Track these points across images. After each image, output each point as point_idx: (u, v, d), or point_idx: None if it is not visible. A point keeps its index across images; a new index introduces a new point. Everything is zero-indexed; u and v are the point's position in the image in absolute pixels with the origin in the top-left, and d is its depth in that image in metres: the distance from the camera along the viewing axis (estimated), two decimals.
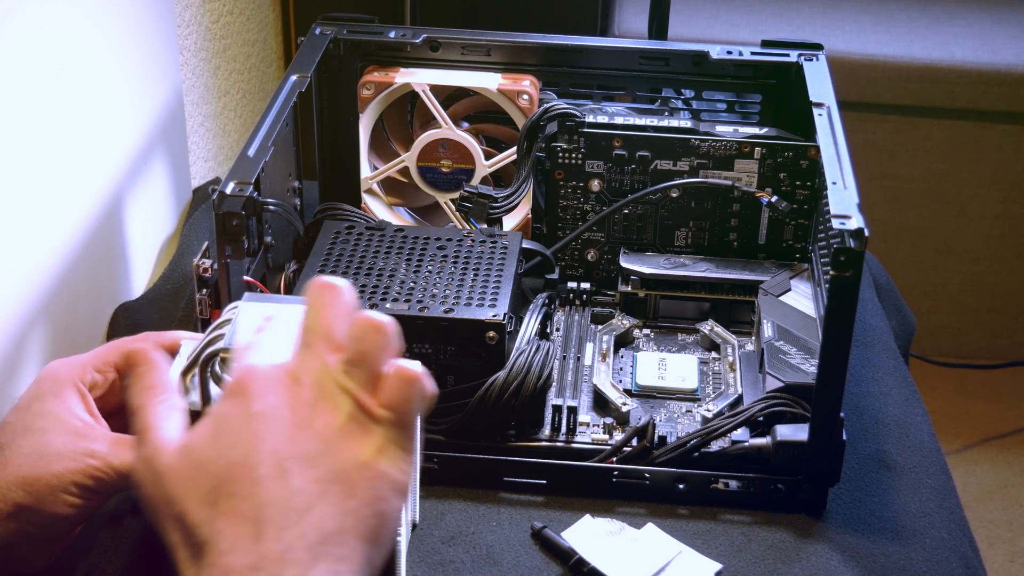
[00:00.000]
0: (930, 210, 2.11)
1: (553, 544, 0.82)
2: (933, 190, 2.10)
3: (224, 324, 0.71)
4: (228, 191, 0.84)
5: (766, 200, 1.00)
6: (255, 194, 0.85)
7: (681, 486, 0.86)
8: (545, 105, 1.02)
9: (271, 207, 0.89)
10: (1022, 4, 2.19)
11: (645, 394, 0.93)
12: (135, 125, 1.10)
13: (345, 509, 0.56)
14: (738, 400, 0.91)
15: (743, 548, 0.82)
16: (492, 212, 1.01)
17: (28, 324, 0.91)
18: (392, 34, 1.07)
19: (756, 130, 1.02)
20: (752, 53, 1.06)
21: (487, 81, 1.05)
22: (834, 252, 0.76)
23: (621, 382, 0.94)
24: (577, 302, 1.02)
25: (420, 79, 1.05)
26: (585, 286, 1.02)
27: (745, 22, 2.10)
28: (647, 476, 0.86)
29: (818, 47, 1.06)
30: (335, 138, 1.10)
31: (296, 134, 1.00)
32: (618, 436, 0.89)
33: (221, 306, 0.85)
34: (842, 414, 0.82)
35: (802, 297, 0.97)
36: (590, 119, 1.03)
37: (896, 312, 1.16)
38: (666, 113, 1.08)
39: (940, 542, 0.84)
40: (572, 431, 0.89)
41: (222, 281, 0.85)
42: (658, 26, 1.66)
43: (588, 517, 0.84)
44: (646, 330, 1.01)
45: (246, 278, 0.86)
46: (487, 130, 1.09)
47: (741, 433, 0.86)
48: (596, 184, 1.03)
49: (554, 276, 1.02)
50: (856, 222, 0.78)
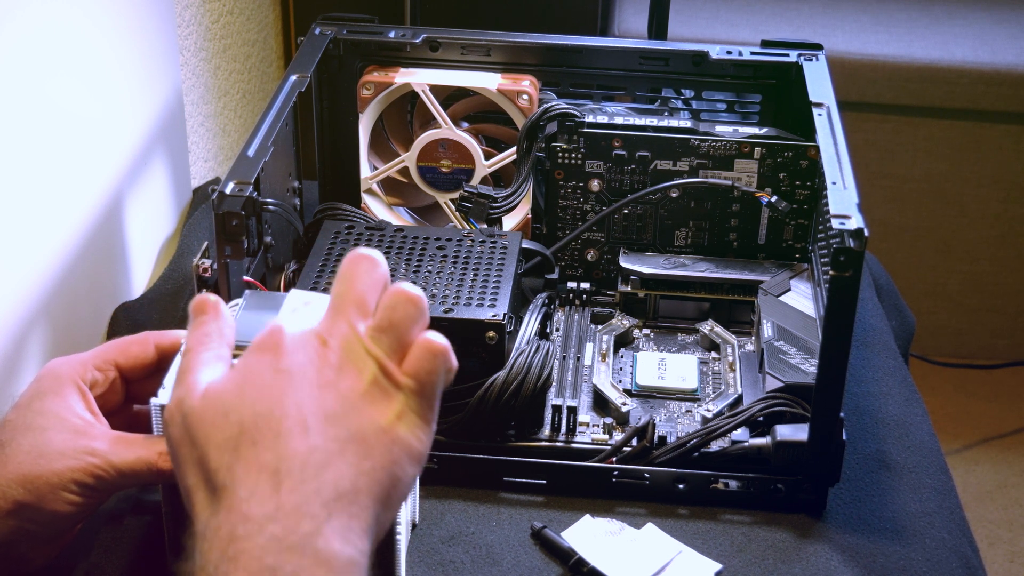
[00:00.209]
0: (930, 210, 2.11)
1: (553, 544, 0.82)
2: (933, 190, 2.10)
3: None
4: (228, 191, 0.84)
5: (766, 200, 1.00)
6: (255, 194, 0.85)
7: (681, 486, 0.86)
8: (545, 105, 1.02)
9: (271, 207, 0.89)
10: (1022, 4, 2.19)
11: (645, 394, 0.93)
12: (135, 125, 1.10)
13: (361, 469, 0.57)
14: (738, 400, 0.91)
15: (743, 548, 0.82)
16: (492, 212, 1.01)
17: (28, 324, 0.91)
18: (392, 34, 1.07)
19: (756, 130, 1.02)
20: (752, 53, 1.06)
21: (487, 81, 1.05)
22: (834, 252, 0.76)
23: (621, 382, 0.94)
24: (577, 302, 1.02)
25: (420, 79, 1.05)
26: (585, 286, 1.02)
27: (745, 22, 2.10)
28: (647, 476, 0.86)
29: (818, 47, 1.06)
30: (335, 138, 1.10)
31: (296, 134, 1.00)
32: (618, 436, 0.89)
33: None
34: (842, 414, 0.82)
35: (802, 297, 0.97)
36: (590, 119, 1.03)
37: (896, 312, 1.16)
38: (666, 113, 1.08)
39: (940, 542, 0.84)
40: (572, 431, 0.89)
41: (222, 281, 0.85)
42: (658, 26, 1.66)
43: (588, 517, 0.84)
44: (646, 330, 1.01)
45: (246, 278, 0.86)
46: (487, 130, 1.09)
47: (741, 433, 0.86)
48: (596, 184, 1.03)
49: (554, 276, 1.02)
50: (856, 222, 0.78)
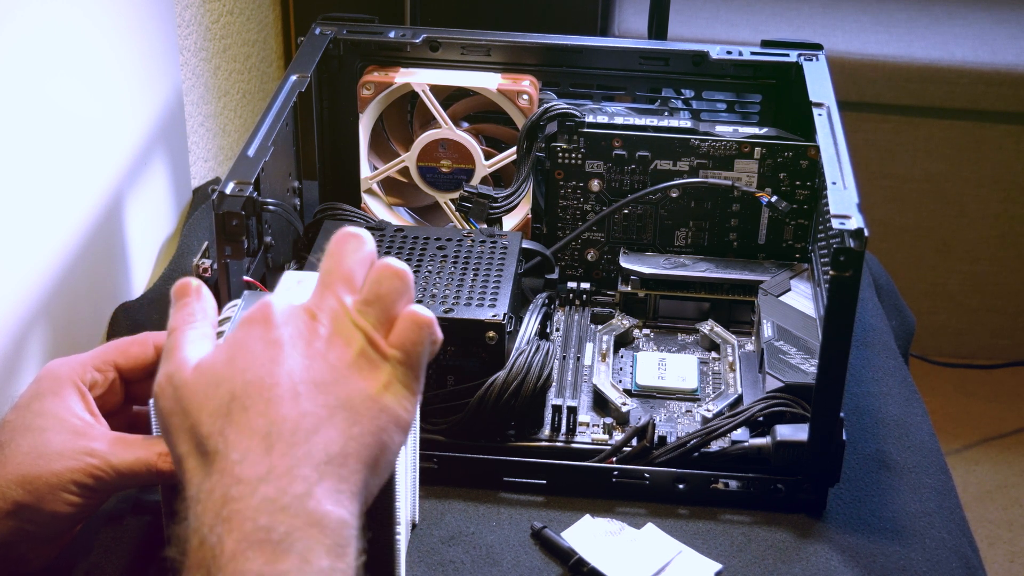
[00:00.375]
0: (930, 210, 2.11)
1: (553, 544, 0.82)
2: (933, 190, 2.10)
3: (224, 322, 0.71)
4: (228, 191, 0.84)
5: (766, 200, 1.00)
6: (255, 194, 0.85)
7: (681, 486, 0.86)
8: (545, 105, 1.02)
9: (271, 207, 0.89)
10: (1022, 4, 2.19)
11: (645, 394, 0.93)
12: (135, 125, 1.10)
13: (350, 435, 0.59)
14: (738, 400, 0.91)
15: (743, 548, 0.82)
16: (492, 212, 1.01)
17: (28, 324, 0.91)
18: (392, 34, 1.07)
19: (756, 130, 1.02)
20: (752, 53, 1.06)
21: (487, 81, 1.05)
22: (834, 252, 0.76)
23: (621, 382, 0.94)
24: (577, 302, 1.02)
25: (420, 79, 1.05)
26: (585, 286, 1.02)
27: (745, 22, 2.10)
28: (647, 476, 0.86)
29: (818, 47, 1.06)
30: (335, 138, 1.10)
31: (296, 134, 1.00)
32: (618, 436, 0.89)
33: (221, 306, 0.85)
34: (842, 414, 0.82)
35: (802, 297, 0.97)
36: (590, 119, 1.03)
37: (896, 312, 1.16)
38: (666, 113, 1.08)
39: (940, 542, 0.84)
40: (572, 431, 0.89)
41: (222, 281, 0.85)
42: (658, 26, 1.66)
43: (588, 517, 0.84)
44: (646, 330, 1.01)
45: (246, 278, 0.86)
46: (487, 130, 1.09)
47: (741, 433, 0.86)
48: (596, 184, 1.03)
49: (554, 276, 1.02)
50: (856, 222, 0.78)
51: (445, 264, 0.93)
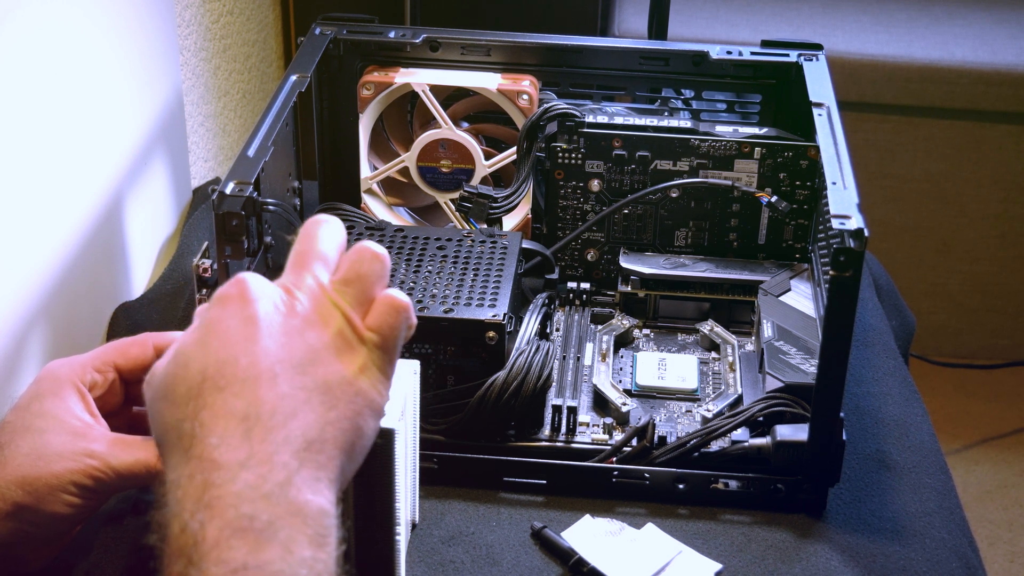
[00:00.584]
0: (930, 210, 2.11)
1: (553, 544, 0.82)
2: (933, 190, 2.10)
3: None
4: (228, 191, 0.84)
5: (766, 200, 1.00)
6: (255, 194, 0.85)
7: (681, 486, 0.86)
8: (545, 105, 1.02)
9: (271, 207, 0.89)
10: (1022, 4, 2.19)
11: (645, 394, 0.93)
12: (135, 125, 1.10)
13: (327, 419, 0.58)
14: (738, 400, 0.91)
15: (743, 548, 0.82)
16: (492, 212, 1.01)
17: (28, 324, 0.91)
18: (392, 34, 1.07)
19: (756, 130, 1.02)
20: (752, 53, 1.06)
21: (487, 81, 1.05)
22: (834, 252, 0.76)
23: (621, 382, 0.94)
24: (577, 302, 1.02)
25: (420, 79, 1.05)
26: (585, 286, 1.02)
27: (745, 22, 2.09)
28: (647, 476, 0.86)
29: (818, 47, 1.06)
30: (335, 138, 1.10)
31: (296, 134, 1.00)
32: (618, 436, 0.89)
33: None
34: (842, 414, 0.82)
35: (802, 297, 0.97)
36: (590, 119, 1.02)
37: (896, 312, 1.16)
38: (666, 113, 1.08)
39: (940, 542, 0.84)
40: (572, 431, 0.89)
41: (222, 281, 0.85)
42: (658, 26, 1.66)
43: (588, 517, 0.84)
44: (646, 330, 1.01)
45: None
46: (487, 130, 1.09)
47: (741, 433, 0.86)
48: (596, 184, 1.03)
49: (554, 276, 1.02)
50: (856, 222, 0.78)
51: (445, 264, 0.93)
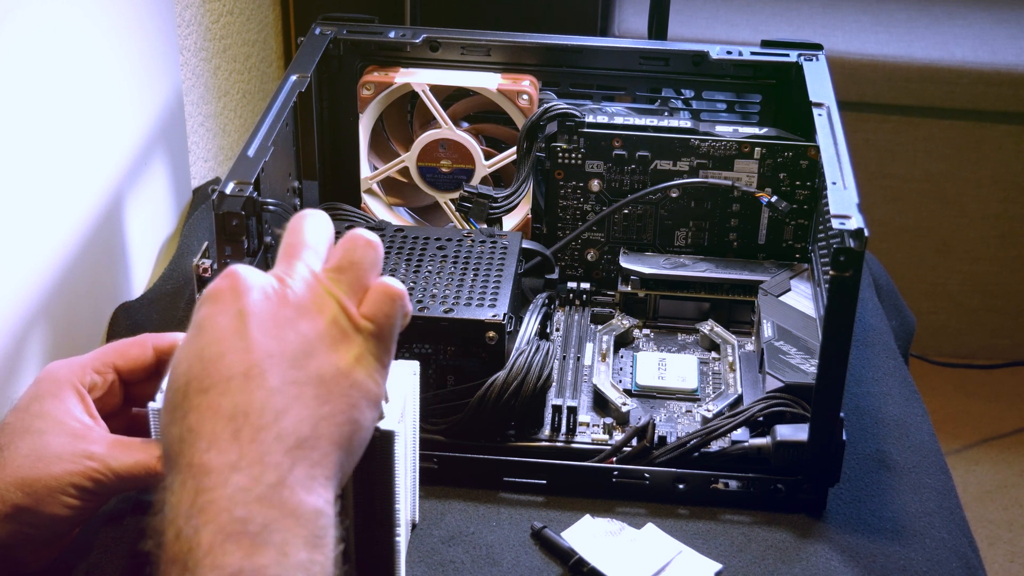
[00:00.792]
0: (930, 210, 2.11)
1: (553, 544, 0.82)
2: (933, 190, 2.10)
3: None
4: (228, 191, 0.84)
5: (766, 200, 1.00)
6: (255, 194, 0.85)
7: (681, 486, 0.86)
8: (545, 105, 1.02)
9: (271, 207, 0.89)
10: (1022, 4, 2.19)
11: (645, 394, 0.93)
12: (135, 125, 1.10)
13: (320, 415, 0.57)
14: (738, 400, 0.91)
15: (743, 548, 0.82)
16: (492, 212, 1.01)
17: (28, 324, 0.91)
18: (392, 34, 1.07)
19: (756, 130, 1.02)
20: (752, 53, 1.06)
21: (487, 81, 1.05)
22: (834, 252, 0.76)
23: (621, 382, 0.94)
24: (577, 302, 1.02)
25: (420, 79, 1.05)
26: (585, 286, 1.02)
27: (745, 22, 2.09)
28: (647, 476, 0.86)
29: (818, 47, 1.06)
30: (335, 138, 1.10)
31: (296, 134, 1.00)
32: (618, 436, 0.89)
33: None
34: (842, 414, 0.82)
35: (802, 297, 0.97)
36: (590, 119, 1.02)
37: (896, 312, 1.16)
38: (666, 113, 1.08)
39: (940, 542, 0.84)
40: (572, 431, 0.89)
41: None
42: (658, 26, 1.66)
43: (588, 517, 0.84)
44: (646, 330, 1.01)
45: None
46: (487, 130, 1.09)
47: (741, 433, 0.86)
48: (596, 184, 1.03)
49: (554, 276, 1.02)
50: (856, 222, 0.78)
51: (445, 264, 0.93)
